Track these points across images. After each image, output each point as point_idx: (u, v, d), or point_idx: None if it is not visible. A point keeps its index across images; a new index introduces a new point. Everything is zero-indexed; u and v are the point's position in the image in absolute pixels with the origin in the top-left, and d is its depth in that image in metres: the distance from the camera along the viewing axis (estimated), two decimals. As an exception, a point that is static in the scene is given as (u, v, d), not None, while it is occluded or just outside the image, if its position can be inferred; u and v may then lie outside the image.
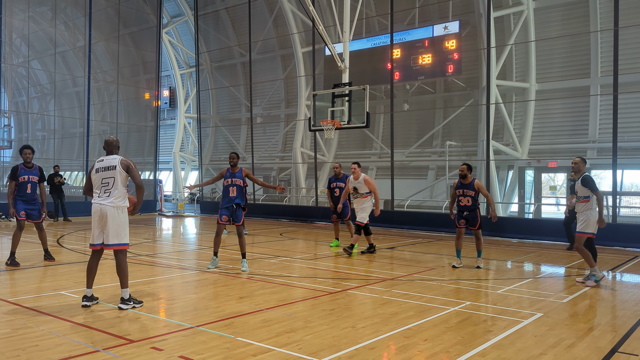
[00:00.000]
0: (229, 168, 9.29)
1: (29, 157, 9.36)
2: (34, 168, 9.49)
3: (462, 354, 4.87)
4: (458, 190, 9.89)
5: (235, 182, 9.14)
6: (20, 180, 9.27)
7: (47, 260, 9.86)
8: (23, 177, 9.29)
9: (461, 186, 9.85)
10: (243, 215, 9.26)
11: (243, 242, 9.25)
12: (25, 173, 9.34)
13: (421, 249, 12.57)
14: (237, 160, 9.26)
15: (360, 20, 22.09)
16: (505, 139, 20.76)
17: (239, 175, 9.18)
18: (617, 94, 14.67)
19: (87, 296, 6.45)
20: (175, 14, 32.42)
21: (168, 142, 34.04)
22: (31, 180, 9.38)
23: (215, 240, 9.35)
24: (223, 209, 9.17)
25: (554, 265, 10.63)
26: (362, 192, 11.21)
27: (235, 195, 9.15)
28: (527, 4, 19.36)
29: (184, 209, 24.06)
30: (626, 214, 18.25)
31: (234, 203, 9.12)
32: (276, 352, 4.82)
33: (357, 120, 12.92)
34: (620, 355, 4.95)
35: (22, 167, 9.34)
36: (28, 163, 9.40)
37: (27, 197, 9.35)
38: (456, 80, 21.80)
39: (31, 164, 9.47)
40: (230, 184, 9.14)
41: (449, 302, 6.90)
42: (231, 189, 9.13)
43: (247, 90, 28.59)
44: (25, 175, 9.31)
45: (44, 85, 36.18)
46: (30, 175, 9.38)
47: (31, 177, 9.38)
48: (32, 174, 9.40)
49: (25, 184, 9.31)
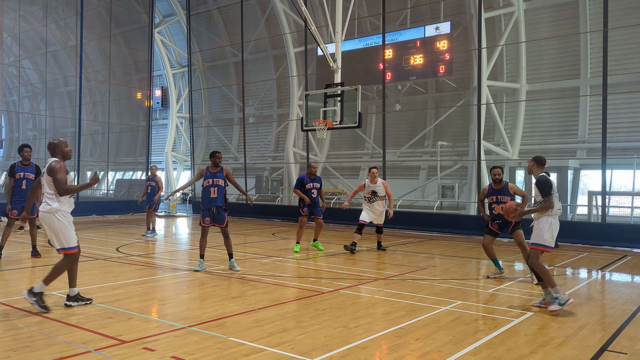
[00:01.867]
0: (209, 167, 8.96)
1: (28, 155, 9.87)
2: (31, 166, 9.94)
3: (454, 353, 4.91)
4: (490, 197, 8.78)
5: (217, 183, 8.85)
6: (17, 177, 9.75)
7: (34, 257, 10.07)
8: (19, 174, 9.79)
9: (493, 192, 8.74)
10: (226, 216, 9.01)
11: (229, 243, 9.07)
12: (22, 170, 9.82)
13: (413, 249, 12.63)
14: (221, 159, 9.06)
15: (353, 20, 22.14)
16: (496, 139, 20.88)
17: (220, 175, 8.90)
18: (607, 94, 14.80)
19: (70, 295, 6.41)
20: (167, 14, 32.32)
21: (160, 142, 33.91)
22: (27, 177, 9.83)
23: (201, 242, 9.09)
24: (204, 210, 8.93)
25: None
26: (381, 195, 11.63)
27: (216, 196, 8.86)
28: (518, 5, 19.49)
29: (176, 209, 24.00)
30: (615, 214, 18.43)
31: (214, 205, 8.87)
32: (268, 352, 4.83)
33: (349, 120, 12.94)
34: (610, 354, 5.01)
35: (19, 165, 9.81)
36: (26, 161, 9.87)
37: (23, 193, 9.67)
38: (447, 80, 21.90)
39: (29, 161, 9.94)
40: (212, 184, 8.84)
41: (440, 302, 6.95)
42: (212, 190, 8.82)
43: (239, 90, 28.55)
44: (21, 172, 9.81)
45: (35, 85, 35.97)
46: (27, 173, 9.85)
47: (27, 174, 9.84)
48: (28, 171, 9.87)
49: (21, 180, 9.77)
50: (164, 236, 15.63)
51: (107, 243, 12.81)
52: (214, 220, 8.93)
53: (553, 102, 20.13)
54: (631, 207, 18.36)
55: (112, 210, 22.73)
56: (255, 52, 28.53)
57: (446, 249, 12.70)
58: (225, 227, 9.00)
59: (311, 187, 11.66)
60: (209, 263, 9.72)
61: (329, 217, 19.78)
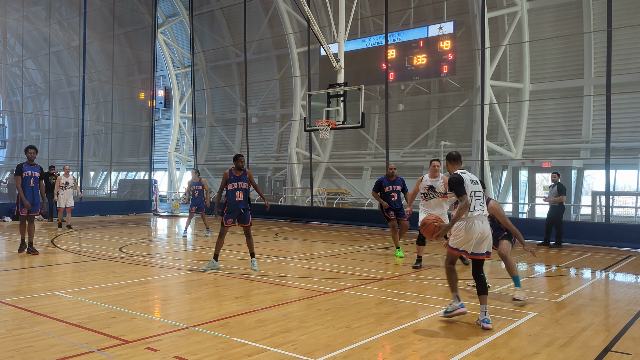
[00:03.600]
0: (232, 170, 9.10)
1: (33, 156, 10.60)
2: (36, 166, 10.69)
3: (457, 353, 4.90)
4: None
5: (242, 186, 9.05)
6: (24, 175, 10.45)
7: (31, 254, 10.49)
8: (26, 173, 10.50)
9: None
10: (250, 216, 9.19)
11: (251, 242, 9.21)
12: (29, 169, 10.55)
13: (415, 249, 12.58)
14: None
15: (356, 20, 22.15)
16: (499, 139, 20.84)
17: (244, 178, 9.09)
18: (610, 94, 14.75)
19: None
20: (170, 14, 32.36)
21: (163, 142, 33.96)
22: (33, 175, 10.57)
23: (218, 242, 9.13)
24: (229, 213, 9.02)
25: (547, 265, 10.68)
26: (439, 191, 9.96)
27: (242, 199, 9.04)
28: (521, 4, 19.44)
29: (179, 209, 24.03)
30: (619, 214, 18.37)
31: (241, 208, 9.04)
32: (271, 352, 4.83)
33: (352, 120, 12.93)
34: (613, 355, 4.99)
35: (25, 164, 10.53)
36: (31, 161, 10.59)
37: (30, 190, 10.46)
38: (451, 80, 21.87)
39: (33, 162, 10.66)
40: (237, 187, 9.02)
41: (443, 302, 6.93)
42: (237, 193, 8.99)
43: (242, 90, 28.56)
44: (28, 171, 10.53)
45: (38, 85, 36.04)
46: (33, 171, 10.58)
47: (33, 173, 10.58)
48: (34, 170, 10.60)
49: (28, 178, 10.51)
50: (167, 236, 15.66)
51: (110, 243, 12.83)
52: (239, 220, 9.14)
53: (557, 102, 20.08)
54: (635, 207, 18.31)
55: (115, 210, 22.77)
56: (258, 52, 28.55)
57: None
58: (248, 227, 9.20)
59: (390, 190, 10.88)
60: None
61: (331, 218, 19.79)
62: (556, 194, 13.11)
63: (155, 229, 17.53)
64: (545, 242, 13.42)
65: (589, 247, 13.47)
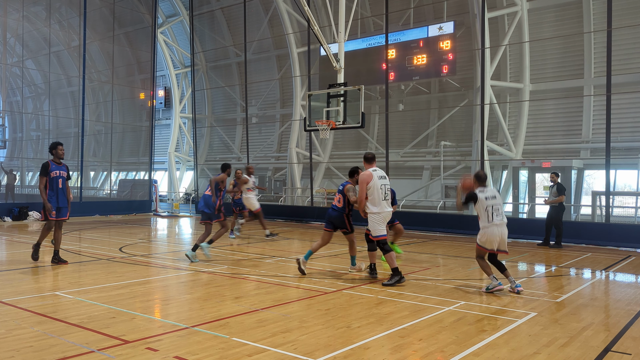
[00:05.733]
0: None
1: (63, 153, 9.57)
2: (63, 165, 9.59)
3: (457, 353, 4.90)
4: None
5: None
6: (52, 175, 9.32)
7: (60, 264, 9.51)
8: (55, 172, 9.35)
9: None
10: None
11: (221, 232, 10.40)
12: (57, 169, 9.41)
13: (416, 249, 12.61)
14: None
15: (356, 20, 22.16)
16: (499, 139, 20.84)
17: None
18: (610, 94, 14.75)
19: None
20: (170, 14, 32.38)
21: (163, 142, 33.98)
22: (62, 175, 9.46)
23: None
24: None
25: (547, 265, 10.68)
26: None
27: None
28: (521, 4, 19.44)
29: (179, 209, 24.02)
30: (619, 214, 18.37)
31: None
32: (271, 352, 4.83)
33: (352, 120, 12.93)
34: (614, 355, 4.99)
35: (52, 163, 9.37)
36: (59, 159, 9.48)
37: (59, 192, 9.37)
38: (451, 80, 21.87)
39: (61, 160, 9.56)
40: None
41: (443, 302, 6.93)
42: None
43: (242, 90, 28.57)
44: (56, 171, 9.38)
45: (39, 85, 36.05)
46: (60, 171, 9.46)
47: (61, 173, 9.46)
48: (62, 170, 9.49)
49: (57, 178, 9.36)
50: (167, 236, 15.66)
51: (110, 243, 12.83)
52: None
53: (557, 102, 20.08)
54: (635, 207, 18.31)
55: (115, 210, 22.77)
56: (258, 52, 28.55)
57: (449, 249, 12.68)
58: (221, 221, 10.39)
59: None
60: (212, 263, 9.72)
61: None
62: (556, 194, 13.12)
63: (155, 229, 17.53)
64: (546, 242, 13.42)
65: (589, 247, 13.48)
